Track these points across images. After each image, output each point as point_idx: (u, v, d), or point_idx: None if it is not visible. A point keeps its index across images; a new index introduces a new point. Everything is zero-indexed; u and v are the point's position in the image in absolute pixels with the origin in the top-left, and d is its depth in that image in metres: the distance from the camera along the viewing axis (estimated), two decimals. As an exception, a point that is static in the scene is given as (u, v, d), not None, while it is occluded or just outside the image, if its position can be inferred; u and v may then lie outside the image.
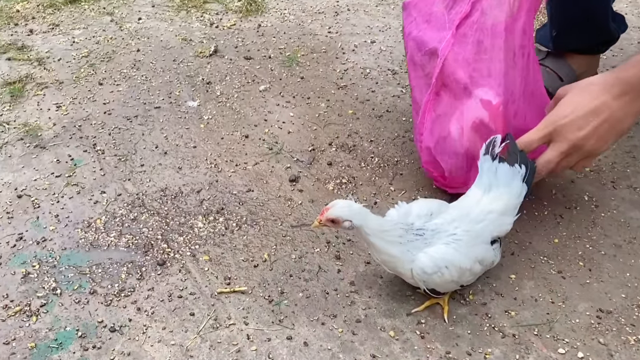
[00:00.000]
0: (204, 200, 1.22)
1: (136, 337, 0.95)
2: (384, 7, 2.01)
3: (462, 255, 0.92)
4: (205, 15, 1.97)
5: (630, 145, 1.35)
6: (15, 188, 1.25)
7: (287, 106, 1.52)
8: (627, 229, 1.14)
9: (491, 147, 1.00)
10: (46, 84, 1.61)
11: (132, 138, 1.40)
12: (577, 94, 0.98)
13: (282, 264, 1.07)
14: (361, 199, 1.21)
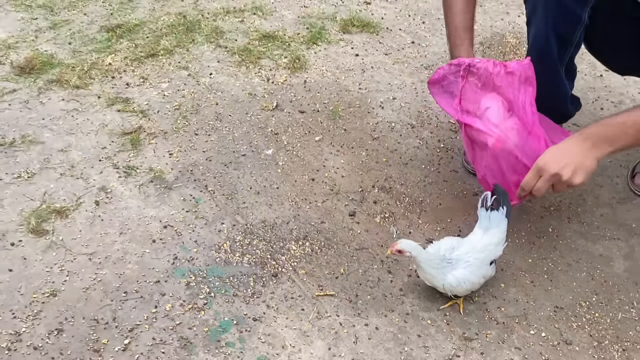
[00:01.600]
0: (292, 229, 1.78)
1: (270, 324, 1.51)
2: (399, 66, 2.56)
3: (473, 275, 1.50)
4: (262, 71, 2.50)
5: (581, 190, 1.94)
6: (159, 220, 1.79)
7: (337, 154, 2.08)
8: (576, 252, 1.74)
9: (485, 201, 1.57)
10: (155, 134, 2.13)
11: (231, 180, 1.95)
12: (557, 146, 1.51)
13: (353, 276, 1.64)
14: (400, 230, 1.78)
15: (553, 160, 1.46)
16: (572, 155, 1.45)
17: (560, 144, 1.49)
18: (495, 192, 1.55)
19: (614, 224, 1.82)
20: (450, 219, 1.82)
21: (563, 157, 1.45)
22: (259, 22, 2.85)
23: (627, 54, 1.77)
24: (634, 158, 2.05)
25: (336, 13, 2.95)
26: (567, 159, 1.45)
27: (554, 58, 1.69)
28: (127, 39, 2.68)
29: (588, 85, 2.46)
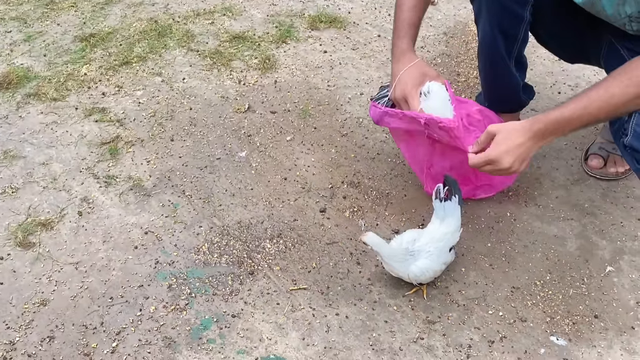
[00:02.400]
0: (267, 228, 1.89)
1: (248, 319, 1.63)
2: (366, 60, 2.66)
3: (434, 263, 1.62)
4: (233, 73, 2.59)
5: (538, 174, 2.07)
6: (140, 227, 1.89)
7: (308, 153, 2.18)
8: (532, 234, 1.86)
9: (438, 193, 1.68)
10: (132, 142, 2.22)
11: (207, 184, 2.05)
12: (505, 136, 1.61)
13: (325, 269, 1.76)
14: (368, 223, 1.90)
15: (506, 155, 1.52)
16: (522, 150, 1.53)
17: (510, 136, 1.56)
18: (446, 182, 1.66)
19: (568, 205, 1.94)
20: (415, 209, 1.93)
21: (514, 152, 1.53)
22: (229, 23, 2.93)
23: (571, 45, 1.87)
24: (588, 140, 2.17)
25: (304, 10, 3.02)
26: (517, 154, 1.54)
27: (501, 54, 1.80)
28: (101, 48, 2.75)
29: (546, 70, 2.57)
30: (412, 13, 1.77)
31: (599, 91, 1.45)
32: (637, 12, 1.49)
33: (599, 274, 1.74)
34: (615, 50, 1.69)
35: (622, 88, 1.42)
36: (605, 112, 1.46)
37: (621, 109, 1.46)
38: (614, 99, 1.44)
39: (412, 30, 1.78)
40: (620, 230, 1.86)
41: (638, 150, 1.48)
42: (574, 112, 1.49)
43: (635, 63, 1.42)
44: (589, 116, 1.47)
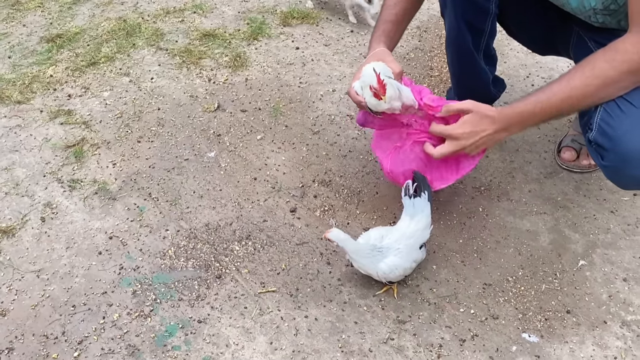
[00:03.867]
0: (235, 230, 1.85)
1: (215, 324, 1.59)
2: (339, 56, 2.62)
3: (404, 260, 1.59)
4: (203, 71, 2.54)
5: (511, 168, 2.04)
6: (105, 232, 1.84)
7: (279, 152, 2.14)
8: (504, 229, 1.83)
9: (407, 190, 1.65)
10: (98, 145, 2.17)
11: (174, 186, 2.00)
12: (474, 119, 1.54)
13: (294, 270, 1.72)
14: (339, 222, 1.86)
15: (469, 136, 1.51)
16: (483, 138, 1.52)
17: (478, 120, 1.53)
18: (416, 179, 1.63)
19: (541, 199, 1.92)
20: (386, 207, 1.90)
21: (476, 135, 1.51)
22: (200, 20, 2.87)
23: (540, 37, 1.85)
24: (561, 133, 2.15)
25: (276, 5, 2.98)
26: (476, 139, 1.52)
27: (468, 47, 1.77)
28: (68, 49, 2.69)
29: (520, 62, 2.55)
30: (390, 10, 1.77)
31: (561, 84, 1.43)
32: (601, 5, 1.47)
33: (572, 268, 1.72)
34: (583, 42, 1.67)
35: (583, 80, 1.40)
36: (569, 105, 1.44)
37: (584, 101, 1.44)
38: (575, 91, 1.42)
39: (385, 25, 1.76)
40: (592, 223, 1.84)
41: (602, 145, 1.46)
42: (536, 105, 1.47)
43: (597, 55, 1.40)
44: (553, 109, 1.45)
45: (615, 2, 1.45)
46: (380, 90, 1.56)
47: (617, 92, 1.42)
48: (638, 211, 1.87)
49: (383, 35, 1.75)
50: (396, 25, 1.79)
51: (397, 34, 1.80)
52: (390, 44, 1.75)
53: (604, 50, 1.38)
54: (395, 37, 1.79)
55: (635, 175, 1.43)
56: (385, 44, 1.73)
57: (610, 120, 1.44)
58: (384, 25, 1.77)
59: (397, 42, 1.83)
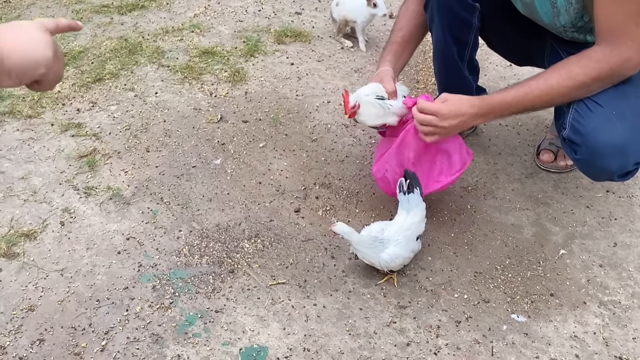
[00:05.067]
0: (244, 229, 1.99)
1: (231, 314, 1.72)
2: (331, 71, 2.80)
3: (404, 250, 1.74)
4: (204, 86, 2.69)
5: (495, 169, 2.23)
6: (122, 233, 1.97)
7: (281, 158, 2.29)
8: (491, 224, 2.01)
9: (401, 187, 1.82)
10: (109, 155, 2.30)
11: (184, 191, 2.14)
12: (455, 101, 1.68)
13: (301, 264, 1.87)
14: (340, 219, 2.01)
15: (450, 115, 1.67)
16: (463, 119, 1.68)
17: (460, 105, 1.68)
18: (407, 177, 1.80)
19: (523, 196, 2.11)
20: (383, 206, 2.06)
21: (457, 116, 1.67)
22: (198, 39, 3.03)
23: (518, 49, 2.05)
24: (540, 137, 2.34)
25: (270, 25, 3.16)
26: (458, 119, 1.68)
27: (454, 58, 1.96)
28: (73, 66, 2.82)
29: (499, 74, 2.75)
30: (397, 33, 1.99)
31: (539, 81, 1.62)
32: (569, 23, 1.67)
33: (553, 257, 1.89)
34: (556, 52, 1.87)
35: (559, 82, 1.59)
36: (543, 101, 1.65)
37: (556, 99, 1.65)
38: (551, 90, 1.62)
39: (392, 46, 1.97)
40: (571, 217, 2.02)
41: (574, 141, 1.65)
42: (514, 98, 1.66)
43: (572, 61, 1.59)
44: (528, 103, 1.65)
45: (582, 20, 1.66)
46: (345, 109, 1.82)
47: (585, 94, 1.62)
48: (611, 206, 2.06)
49: (390, 54, 1.94)
50: (402, 46, 1.98)
51: (405, 53, 1.99)
52: (397, 63, 1.94)
53: (578, 57, 1.58)
54: (403, 56, 1.99)
55: (604, 166, 1.63)
56: (391, 63, 1.92)
57: (580, 119, 1.64)
58: (391, 46, 1.97)
59: (405, 60, 2.01)
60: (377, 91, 1.86)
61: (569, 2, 1.62)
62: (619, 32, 1.51)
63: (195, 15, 3.26)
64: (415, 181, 1.81)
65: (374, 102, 1.84)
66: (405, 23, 1.99)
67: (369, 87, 1.88)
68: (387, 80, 1.86)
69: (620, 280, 1.81)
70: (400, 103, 1.86)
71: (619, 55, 1.54)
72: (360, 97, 1.84)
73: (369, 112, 1.85)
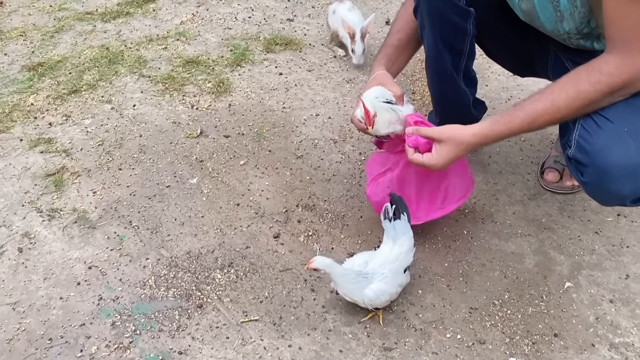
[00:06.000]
0: (217, 257, 1.81)
1: (196, 356, 1.54)
2: (322, 81, 2.63)
3: (389, 285, 1.56)
4: (186, 97, 2.53)
5: (495, 190, 2.04)
6: (84, 262, 1.80)
7: (262, 177, 2.12)
8: (489, 252, 1.82)
9: (386, 213, 1.63)
10: (78, 173, 2.14)
11: (155, 214, 1.97)
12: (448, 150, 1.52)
13: (277, 298, 1.69)
14: (323, 247, 1.84)
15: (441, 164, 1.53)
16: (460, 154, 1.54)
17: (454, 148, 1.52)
18: (393, 201, 1.62)
19: (525, 221, 1.91)
20: (371, 231, 1.88)
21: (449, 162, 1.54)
22: (183, 47, 2.88)
23: (518, 58, 1.87)
24: (544, 154, 2.15)
25: (260, 32, 2.99)
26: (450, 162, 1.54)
27: (448, 68, 1.77)
28: (49, 77, 2.67)
29: (501, 85, 2.56)
30: (393, 36, 1.81)
31: (546, 104, 1.43)
32: (574, 29, 1.48)
33: (558, 290, 1.70)
34: (560, 62, 1.68)
35: (567, 103, 1.41)
36: (551, 124, 1.48)
37: (564, 119, 1.46)
38: (559, 111, 1.43)
39: (387, 50, 1.80)
40: (577, 245, 1.83)
41: (581, 162, 1.46)
42: (520, 127, 1.48)
43: (581, 74, 1.40)
44: (534, 128, 1.48)
45: (588, 25, 1.47)
46: (366, 121, 1.57)
47: (594, 110, 1.43)
48: (622, 231, 1.87)
49: (384, 58, 1.76)
50: (399, 50, 1.80)
51: (401, 58, 1.82)
52: (392, 68, 1.76)
53: (587, 71, 1.39)
54: (398, 61, 1.81)
55: (614, 190, 1.43)
56: (385, 67, 1.74)
57: (587, 136, 1.45)
58: (386, 50, 1.79)
59: (400, 67, 1.84)
60: (384, 95, 1.66)
61: (574, 6, 1.43)
62: (631, 38, 1.32)
63: (182, 22, 3.10)
64: (402, 206, 1.63)
65: (387, 107, 1.64)
66: (403, 26, 1.81)
67: (375, 89, 1.67)
68: (390, 83, 1.69)
69: (634, 319, 1.62)
70: (408, 108, 1.68)
71: (633, 65, 1.35)
72: (374, 103, 1.62)
73: (383, 118, 1.64)
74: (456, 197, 1.78)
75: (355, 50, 2.61)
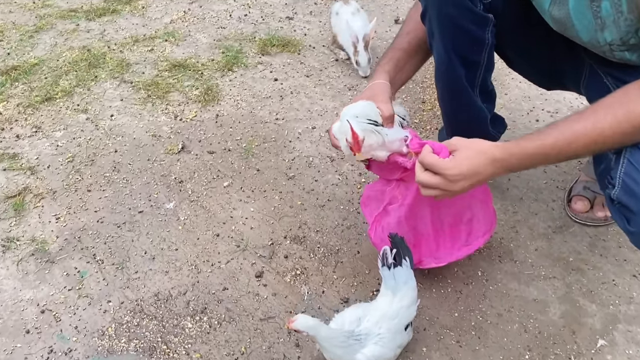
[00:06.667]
0: (189, 301, 1.57)
1: None
2: (321, 89, 2.36)
3: (387, 348, 1.30)
4: (169, 107, 2.28)
5: (514, 220, 1.76)
6: (37, 304, 1.57)
7: (247, 201, 1.86)
8: (507, 299, 1.55)
9: (385, 259, 1.37)
10: (42, 195, 1.90)
11: (124, 245, 1.73)
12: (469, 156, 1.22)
13: (256, 355, 1.44)
14: (312, 289, 1.58)
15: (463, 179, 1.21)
16: (480, 179, 1.24)
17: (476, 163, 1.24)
18: (393, 243, 1.36)
19: (550, 259, 1.64)
20: (369, 270, 1.62)
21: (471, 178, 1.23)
22: (170, 49, 2.63)
23: (546, 71, 1.58)
24: (571, 177, 1.87)
25: (255, 32, 2.73)
26: (473, 182, 1.24)
27: (461, 83, 1.50)
28: (23, 82, 2.44)
29: (522, 94, 2.28)
30: (403, 38, 1.55)
31: (586, 125, 1.15)
32: (618, 40, 1.20)
33: (589, 349, 1.43)
34: (597, 77, 1.40)
35: (613, 125, 1.13)
36: (591, 151, 1.20)
37: (609, 146, 1.18)
38: (602, 137, 1.15)
39: (394, 53, 1.53)
40: (612, 291, 1.55)
41: (628, 207, 1.18)
42: (554, 148, 1.19)
43: (631, 92, 1.12)
44: (570, 153, 1.19)
45: (636, 35, 1.19)
46: (354, 145, 1.30)
47: None
48: (665, 274, 1.59)
49: (390, 63, 1.50)
50: (408, 55, 1.54)
51: (409, 63, 1.54)
52: (397, 75, 1.49)
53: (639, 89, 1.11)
54: (406, 67, 1.54)
55: None
56: (389, 75, 1.47)
57: (637, 175, 1.17)
58: (394, 53, 1.53)
59: (409, 74, 1.57)
60: (368, 113, 1.39)
61: (619, 11, 1.15)
62: None
63: (171, 21, 2.85)
64: (404, 249, 1.37)
65: (369, 128, 1.37)
66: (414, 27, 1.54)
67: (358, 106, 1.40)
68: (382, 99, 1.41)
69: (682, 389, 1.34)
70: (398, 132, 1.41)
71: None
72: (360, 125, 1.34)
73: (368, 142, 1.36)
74: (481, 231, 1.52)
75: (360, 62, 2.34)
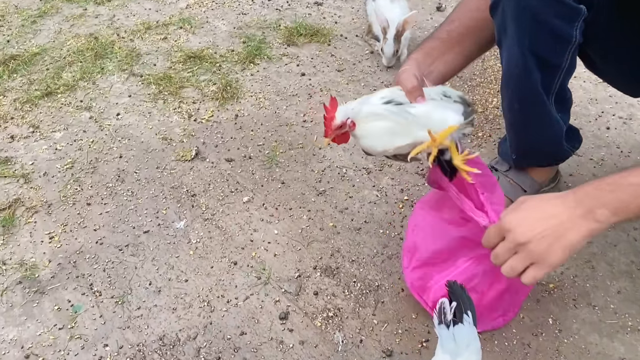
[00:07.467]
0: (200, 348, 1.31)
1: None
2: (354, 86, 2.07)
3: None
4: (183, 105, 2.01)
5: (589, 252, 1.47)
6: (21, 346, 1.32)
7: (270, 221, 1.60)
8: (588, 356, 1.26)
9: (443, 315, 1.09)
10: (35, 208, 1.66)
11: (125, 273, 1.47)
12: (536, 201, 1.03)
13: (279, 421, 1.18)
14: (347, 337, 1.31)
15: (525, 222, 0.98)
16: (554, 222, 0.97)
17: (541, 202, 1.00)
18: (452, 294, 1.08)
19: (637, 305, 1.35)
20: (416, 314, 1.35)
21: (540, 222, 0.97)
22: (186, 38, 2.36)
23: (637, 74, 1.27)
24: (656, 200, 1.56)
25: (280, 20, 2.45)
26: (545, 226, 0.97)
27: (536, 89, 1.21)
28: (22, 74, 2.20)
29: (588, 96, 1.96)
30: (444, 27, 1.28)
31: None
32: None
33: None
34: None
35: None
36: None
37: None
38: None
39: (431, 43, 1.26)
40: None
41: None
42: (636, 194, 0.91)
43: None
44: None
45: None
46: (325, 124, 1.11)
47: None
48: None
49: (420, 51, 1.23)
50: (445, 45, 1.24)
51: (449, 56, 1.24)
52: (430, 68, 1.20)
53: None
54: (443, 59, 1.24)
55: None
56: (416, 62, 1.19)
57: None
58: (429, 42, 1.25)
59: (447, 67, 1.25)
60: (393, 96, 1.12)
61: None
62: None
63: (187, 5, 2.58)
64: (465, 302, 1.09)
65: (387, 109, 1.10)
66: (462, 15, 1.25)
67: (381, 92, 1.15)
68: (406, 77, 1.13)
69: None
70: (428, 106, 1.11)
71: None
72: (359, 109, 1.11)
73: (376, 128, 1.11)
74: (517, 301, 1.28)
75: (385, 51, 2.05)
